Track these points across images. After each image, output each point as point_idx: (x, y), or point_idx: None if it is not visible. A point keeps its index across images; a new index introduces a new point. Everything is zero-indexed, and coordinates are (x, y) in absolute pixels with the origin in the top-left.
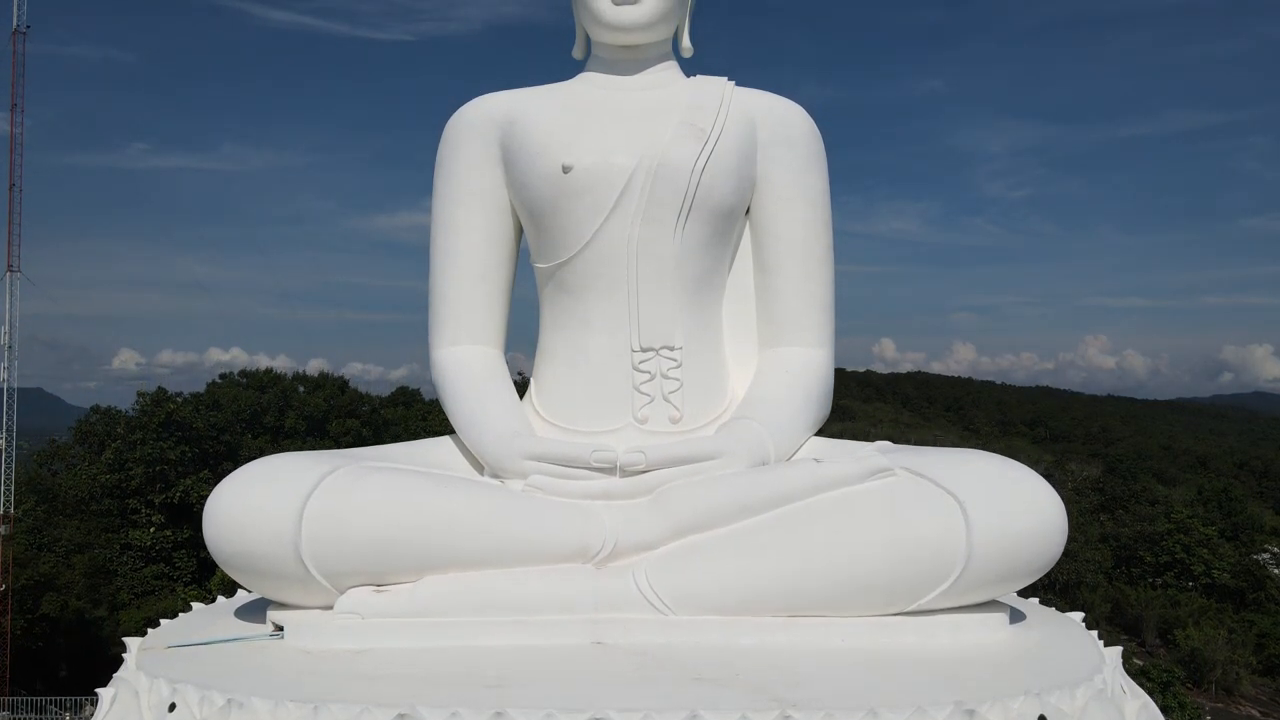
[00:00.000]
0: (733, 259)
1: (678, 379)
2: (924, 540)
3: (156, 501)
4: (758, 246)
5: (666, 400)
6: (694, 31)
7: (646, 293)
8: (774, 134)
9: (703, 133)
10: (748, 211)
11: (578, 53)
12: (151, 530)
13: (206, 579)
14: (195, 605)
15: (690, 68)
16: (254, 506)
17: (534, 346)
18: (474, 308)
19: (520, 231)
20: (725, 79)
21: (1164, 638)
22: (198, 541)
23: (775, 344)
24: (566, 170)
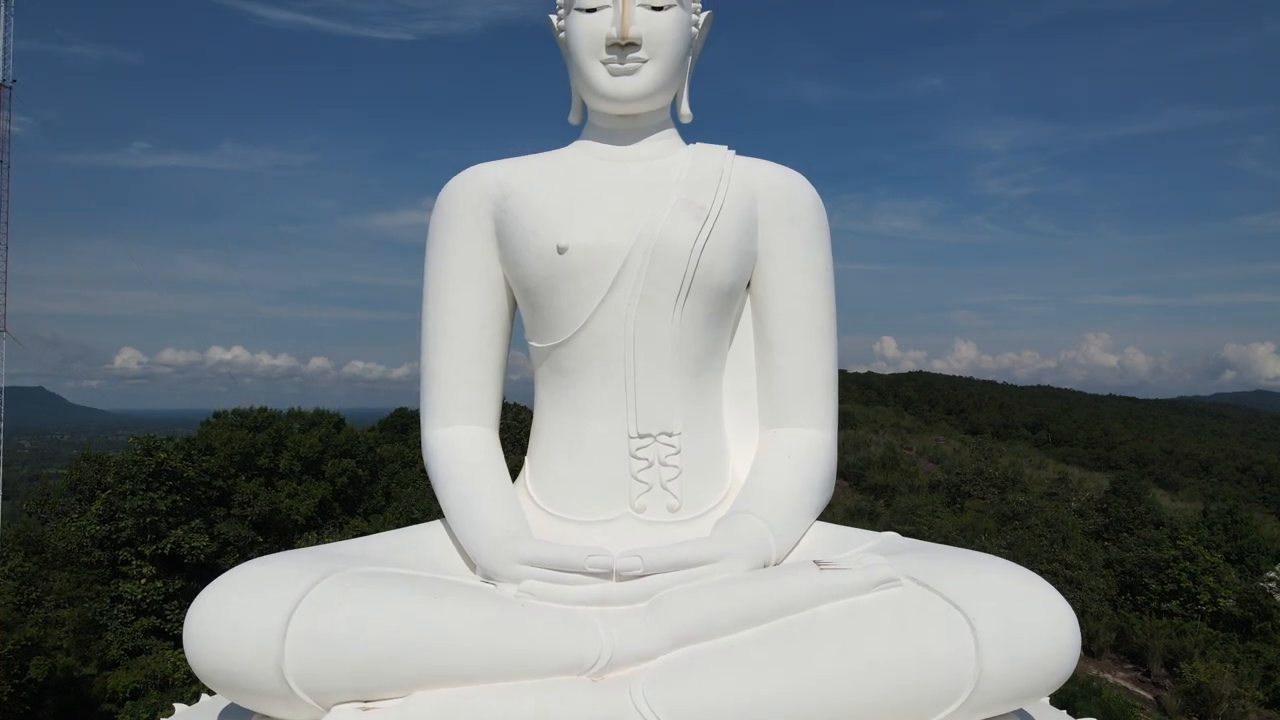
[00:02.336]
0: (733, 335)
1: (676, 466)
2: (931, 660)
3: (147, 553)
4: (759, 322)
5: (665, 489)
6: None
7: (644, 377)
8: (776, 208)
9: (702, 210)
10: (749, 285)
11: (574, 118)
12: (143, 582)
13: None
14: (178, 707)
15: (690, 132)
16: (235, 622)
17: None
18: (467, 387)
19: (515, 305)
20: (725, 148)
21: (1170, 668)
22: (190, 592)
23: (776, 424)
24: (562, 251)
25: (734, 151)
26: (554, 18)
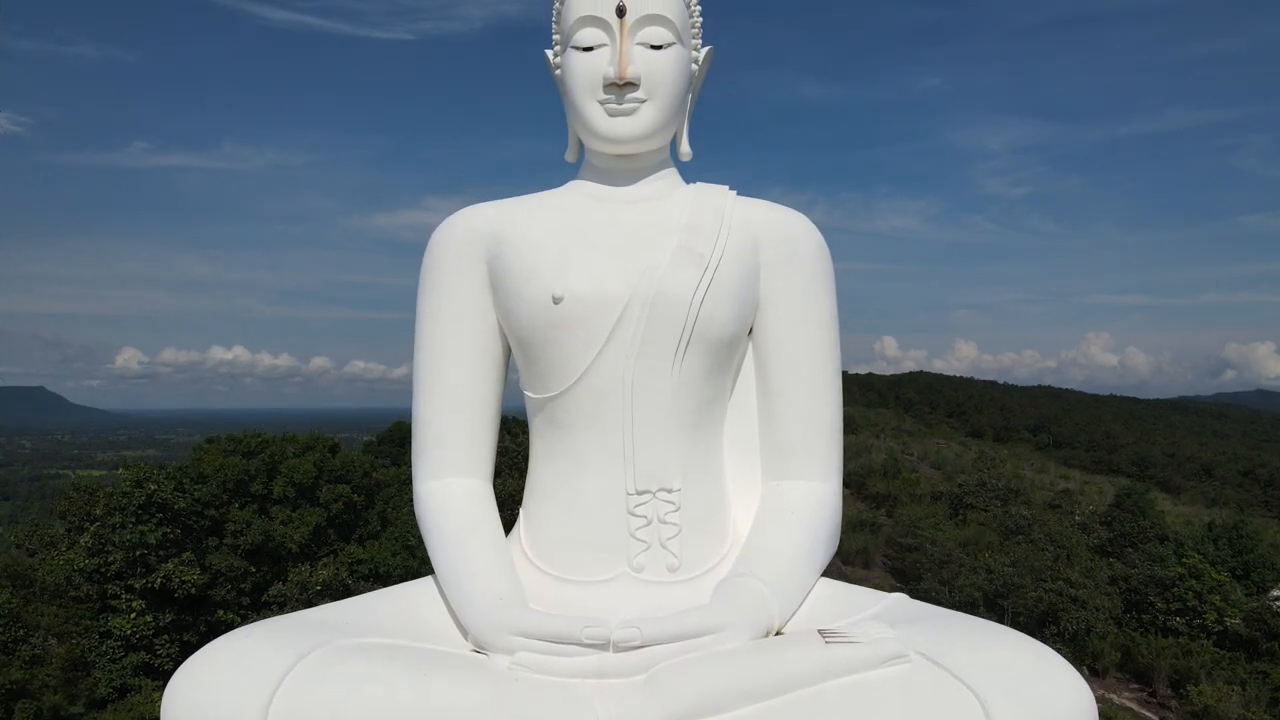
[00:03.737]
0: (734, 383)
1: (676, 524)
2: None
3: (137, 586)
4: (761, 370)
5: (664, 547)
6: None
7: (643, 431)
8: (778, 252)
9: (702, 258)
10: (750, 332)
11: (570, 156)
12: (132, 616)
13: None
14: None
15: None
16: (214, 704)
17: None
18: (460, 438)
19: (509, 351)
20: (726, 188)
21: (1176, 689)
22: (180, 626)
23: (780, 476)
24: (557, 301)
25: (735, 191)
26: (550, 53)
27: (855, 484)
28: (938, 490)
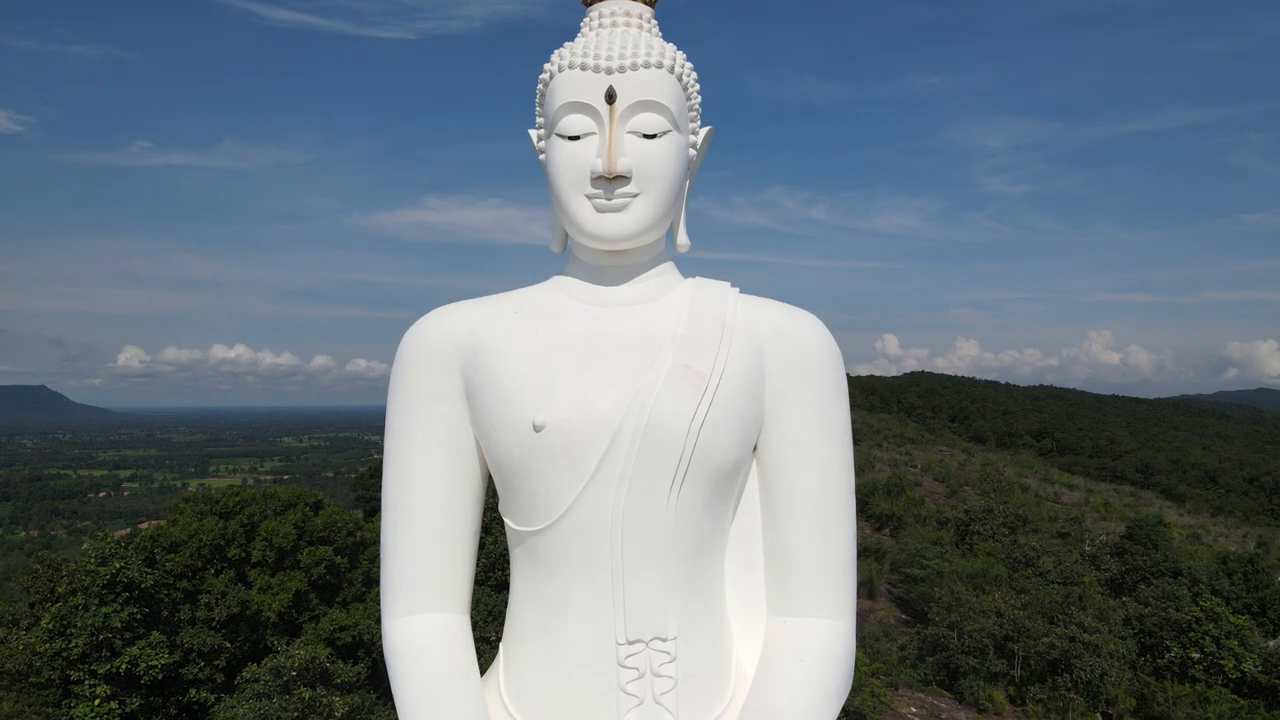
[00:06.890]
0: (736, 507)
1: (671, 676)
2: None
3: (101, 671)
4: (766, 493)
5: (658, 703)
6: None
7: (634, 574)
8: (786, 363)
9: (701, 377)
10: (755, 447)
11: (556, 247)
12: (95, 703)
13: None
14: None
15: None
16: None
17: None
18: (432, 570)
19: (488, 471)
20: (728, 286)
21: None
22: (149, 709)
23: (786, 612)
24: (538, 428)
25: (737, 289)
26: (534, 134)
27: (859, 504)
28: (943, 516)
